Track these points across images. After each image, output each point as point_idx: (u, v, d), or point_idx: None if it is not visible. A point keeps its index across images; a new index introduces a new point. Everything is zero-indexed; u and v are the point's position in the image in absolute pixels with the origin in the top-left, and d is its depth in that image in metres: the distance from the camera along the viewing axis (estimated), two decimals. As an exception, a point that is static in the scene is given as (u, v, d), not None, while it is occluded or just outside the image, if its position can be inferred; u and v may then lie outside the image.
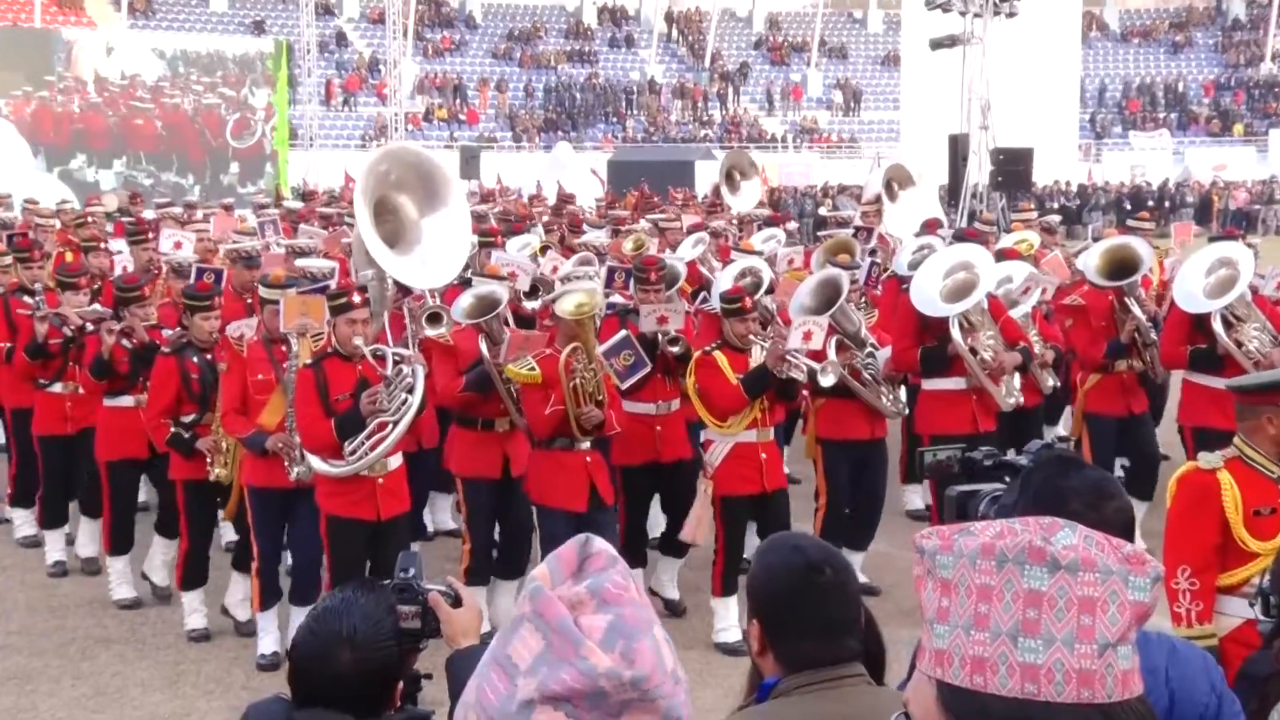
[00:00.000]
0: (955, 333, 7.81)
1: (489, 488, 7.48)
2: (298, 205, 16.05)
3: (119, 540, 8.13)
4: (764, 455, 7.33)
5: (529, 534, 7.51)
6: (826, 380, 7.31)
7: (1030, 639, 1.32)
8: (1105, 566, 1.34)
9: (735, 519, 7.40)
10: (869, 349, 7.98)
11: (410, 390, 6.53)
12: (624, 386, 7.39)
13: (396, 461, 6.73)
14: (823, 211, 22.25)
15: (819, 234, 15.05)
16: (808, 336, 7.29)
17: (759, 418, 7.33)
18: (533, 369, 6.86)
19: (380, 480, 6.66)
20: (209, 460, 7.37)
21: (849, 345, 7.88)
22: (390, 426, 6.51)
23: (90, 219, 12.21)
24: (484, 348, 7.35)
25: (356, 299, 6.62)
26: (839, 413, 8.00)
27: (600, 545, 1.70)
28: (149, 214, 14.56)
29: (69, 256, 10.47)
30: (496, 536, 7.70)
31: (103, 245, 10.25)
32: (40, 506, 8.91)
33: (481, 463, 7.46)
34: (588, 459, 7.00)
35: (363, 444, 6.53)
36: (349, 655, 2.66)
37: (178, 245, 10.70)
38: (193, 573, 7.62)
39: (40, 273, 9.16)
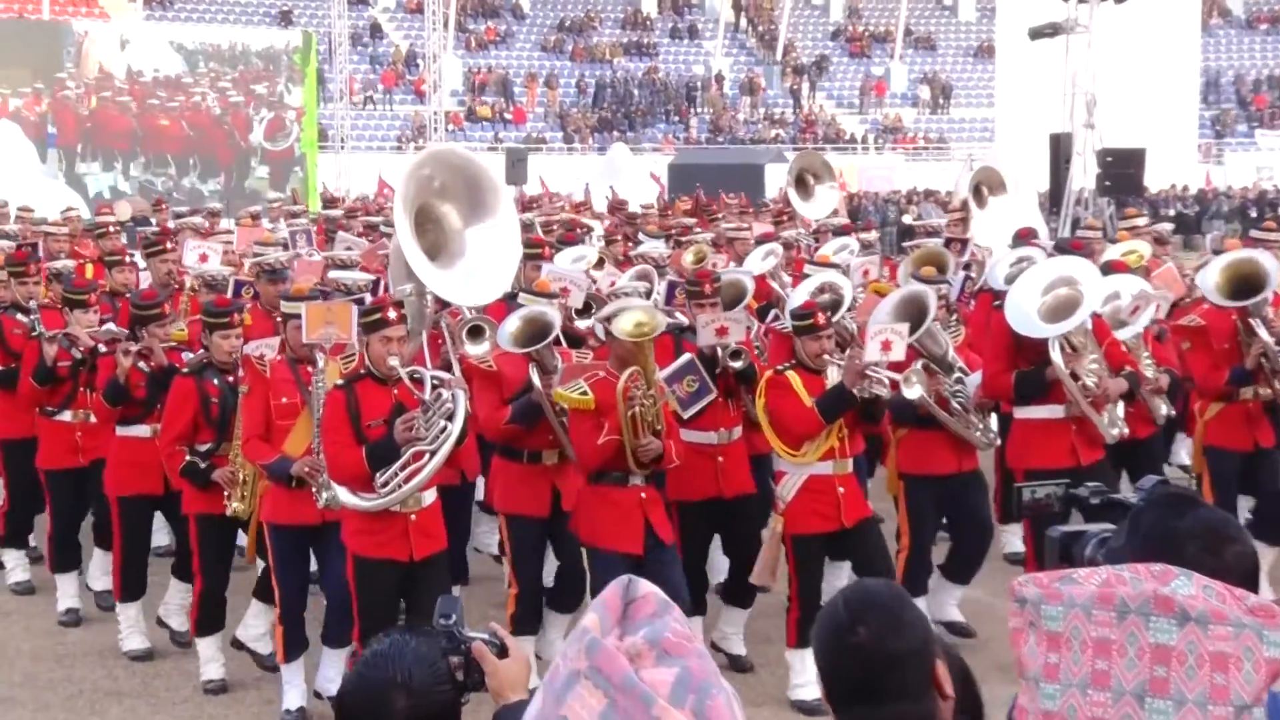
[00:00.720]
0: (1056, 356, 7.72)
1: (537, 526, 7.50)
2: (336, 213, 16.17)
3: (131, 584, 8.18)
4: (842, 489, 7.30)
5: (584, 575, 7.52)
6: (912, 392, 7.27)
7: (1159, 699, 1.30)
8: (1236, 619, 1.32)
9: (809, 560, 7.37)
10: (957, 374, 7.94)
11: (450, 417, 6.53)
12: (686, 416, 7.38)
13: (431, 496, 6.74)
14: (908, 220, 22.19)
15: (904, 244, 15.00)
16: (886, 346, 7.22)
17: (837, 446, 7.31)
18: (585, 393, 6.86)
19: (413, 517, 6.65)
20: (226, 493, 7.41)
21: (935, 369, 7.84)
22: (427, 457, 6.51)
23: (112, 230, 12.33)
24: (535, 376, 7.36)
25: (392, 315, 6.63)
26: (923, 445, 7.96)
27: (647, 588, 1.69)
28: (168, 223, 14.77)
29: (90, 271, 10.57)
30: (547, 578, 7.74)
31: (128, 259, 10.27)
32: (49, 548, 8.95)
33: (528, 499, 7.47)
34: (642, 495, 6.99)
35: (396, 475, 6.53)
36: (404, 702, 2.67)
37: (203, 258, 10.80)
38: (209, 617, 7.68)
39: (36, 289, 9.23)
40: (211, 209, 16.85)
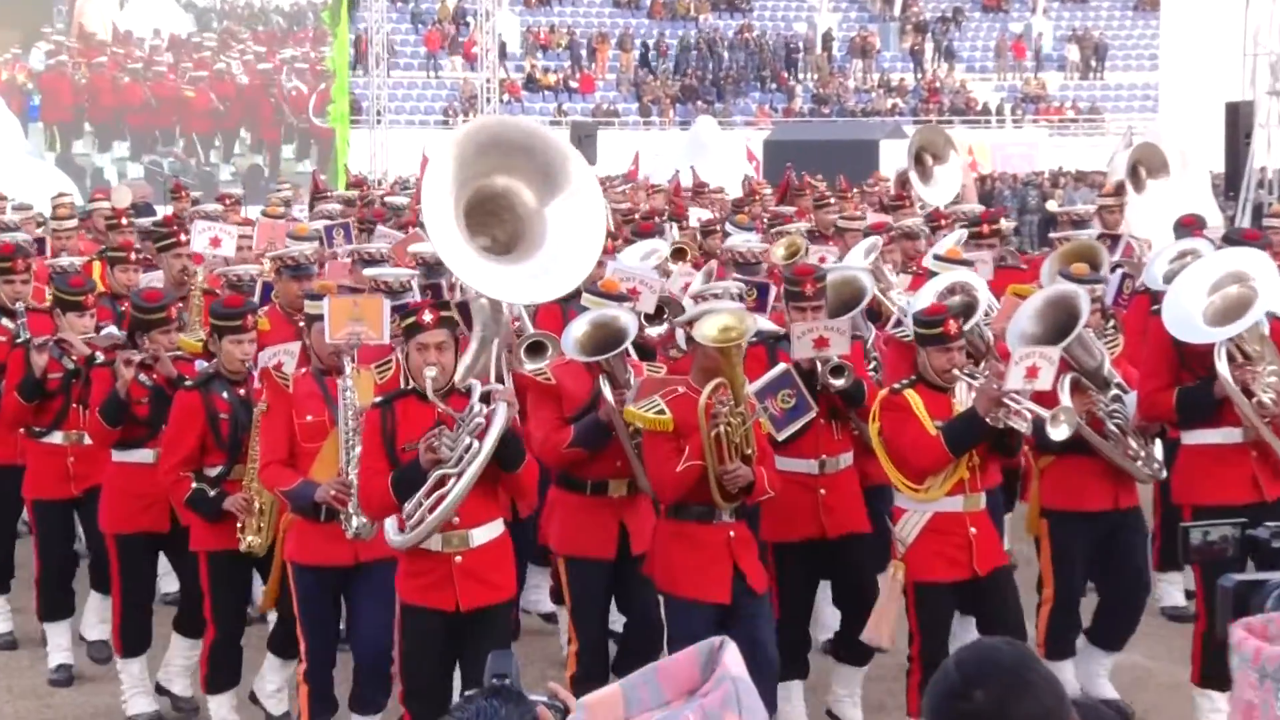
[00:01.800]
0: (1221, 366, 7.61)
1: (602, 571, 7.52)
2: (399, 201, 16.29)
3: (132, 638, 8.23)
4: (973, 529, 7.27)
5: (659, 628, 7.51)
6: (1059, 433, 7.13)
7: None
8: None
9: (935, 613, 7.35)
10: (1115, 391, 7.86)
11: (481, 434, 6.52)
12: (781, 437, 7.35)
13: (485, 535, 6.72)
14: (1052, 206, 22.02)
15: (1050, 236, 14.89)
16: (1032, 373, 7.12)
17: (967, 479, 7.28)
18: (662, 412, 6.88)
19: (458, 559, 6.66)
20: (240, 525, 7.45)
21: (1087, 386, 7.76)
22: (452, 481, 6.51)
23: (126, 223, 12.50)
24: (606, 390, 7.36)
25: (428, 317, 6.65)
26: (1072, 475, 7.87)
27: (728, 666, 1.67)
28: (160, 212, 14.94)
29: (96, 268, 10.67)
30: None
31: (131, 256, 10.28)
32: (37, 592, 9.00)
33: (591, 538, 7.50)
34: (731, 533, 6.99)
35: (420, 505, 6.56)
36: None
37: (215, 242, 10.85)
38: (220, 672, 7.72)
39: (25, 289, 9.26)
40: (230, 195, 16.92)
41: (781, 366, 7.42)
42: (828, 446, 7.80)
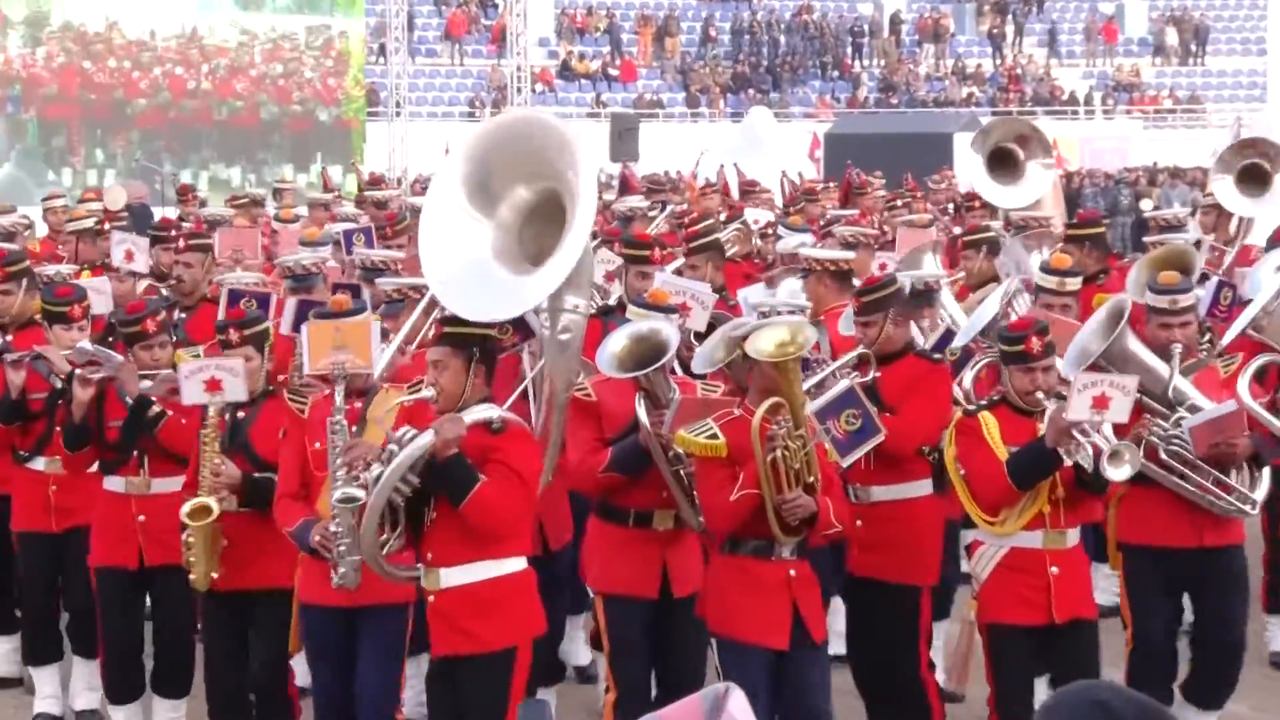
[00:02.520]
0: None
1: (642, 610, 7.56)
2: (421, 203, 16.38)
3: (118, 682, 8.37)
4: (1054, 570, 7.28)
5: (699, 678, 7.55)
6: (1117, 473, 7.08)
7: None
8: None
9: (1008, 659, 7.38)
10: (1178, 415, 7.81)
11: (389, 459, 6.62)
12: (847, 463, 7.34)
13: (461, 577, 6.75)
14: (1145, 206, 21.95)
15: (1143, 240, 14.86)
16: (1101, 403, 7.10)
17: (1048, 514, 7.29)
18: (714, 436, 6.90)
19: (431, 598, 6.85)
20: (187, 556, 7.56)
21: (1148, 406, 7.75)
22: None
23: (109, 226, 12.57)
24: (642, 411, 7.38)
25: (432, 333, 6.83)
26: (1144, 506, 7.92)
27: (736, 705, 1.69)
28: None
29: (86, 275, 10.78)
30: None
31: (110, 262, 10.47)
32: (22, 632, 9.15)
33: (632, 574, 7.54)
34: (791, 572, 7.01)
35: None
36: None
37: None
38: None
39: (5, 300, 9.25)
40: (252, 196, 16.99)
41: (844, 384, 7.39)
42: (860, 475, 7.89)
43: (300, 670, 7.92)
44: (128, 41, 35.52)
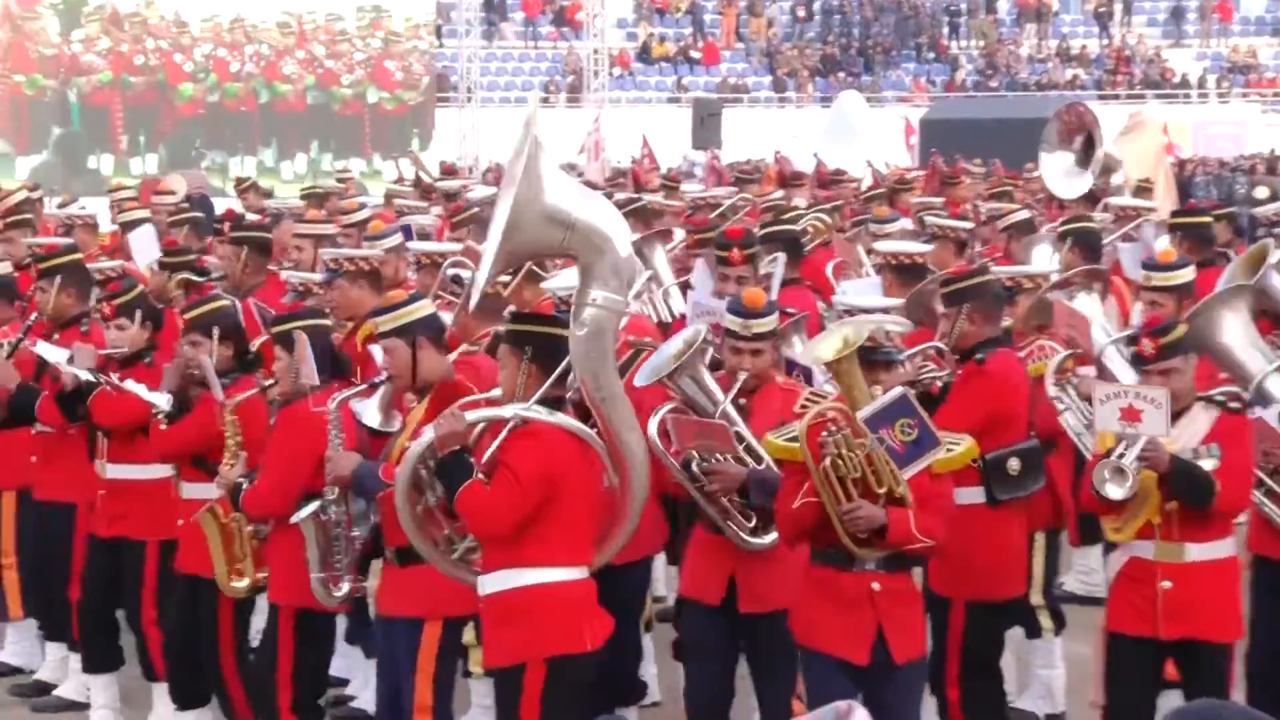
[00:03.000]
0: None
1: (707, 617, 7.63)
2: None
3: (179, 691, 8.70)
4: (1166, 584, 7.27)
5: (779, 697, 7.64)
6: (1112, 491, 7.08)
7: None
8: None
9: (1117, 668, 7.38)
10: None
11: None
12: (906, 475, 7.19)
13: (493, 585, 6.85)
14: (1261, 194, 21.68)
15: (1257, 234, 14.80)
16: (1131, 416, 7.10)
17: (1158, 525, 7.28)
18: (793, 439, 6.89)
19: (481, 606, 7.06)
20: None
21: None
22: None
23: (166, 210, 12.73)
24: (653, 427, 7.44)
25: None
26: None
27: None
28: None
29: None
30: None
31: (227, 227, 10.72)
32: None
33: (698, 578, 7.65)
34: (874, 585, 6.96)
35: None
36: None
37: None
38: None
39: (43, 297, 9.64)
40: (335, 187, 17.14)
41: (898, 390, 7.18)
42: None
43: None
44: (165, 22, 35.90)
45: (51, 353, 9.01)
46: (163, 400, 8.33)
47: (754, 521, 7.41)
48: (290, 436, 7.67)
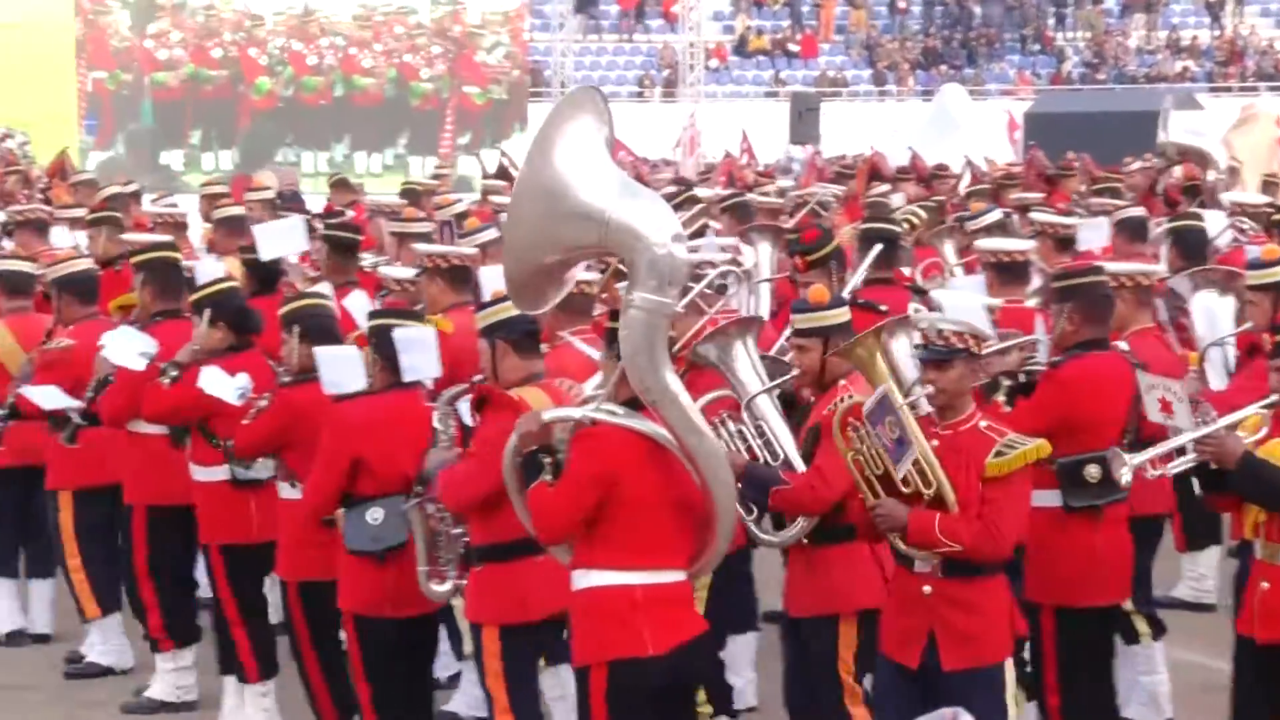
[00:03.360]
0: None
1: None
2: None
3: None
4: (1264, 584, 7.20)
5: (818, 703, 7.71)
6: (1120, 475, 7.20)
7: None
8: None
9: (1239, 669, 7.37)
10: None
11: None
12: (900, 474, 7.16)
13: (576, 582, 6.94)
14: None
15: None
16: (1166, 408, 7.19)
17: (1262, 523, 7.21)
18: None
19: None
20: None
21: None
22: None
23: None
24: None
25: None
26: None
27: None
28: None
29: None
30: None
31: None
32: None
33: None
34: (926, 588, 6.95)
35: None
36: None
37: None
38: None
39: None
40: (424, 184, 17.27)
41: (882, 388, 7.17)
42: None
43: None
44: (237, 15, 36.24)
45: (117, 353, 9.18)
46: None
47: (754, 514, 7.56)
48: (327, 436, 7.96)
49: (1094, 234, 11.96)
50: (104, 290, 10.36)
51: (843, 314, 7.61)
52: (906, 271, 11.51)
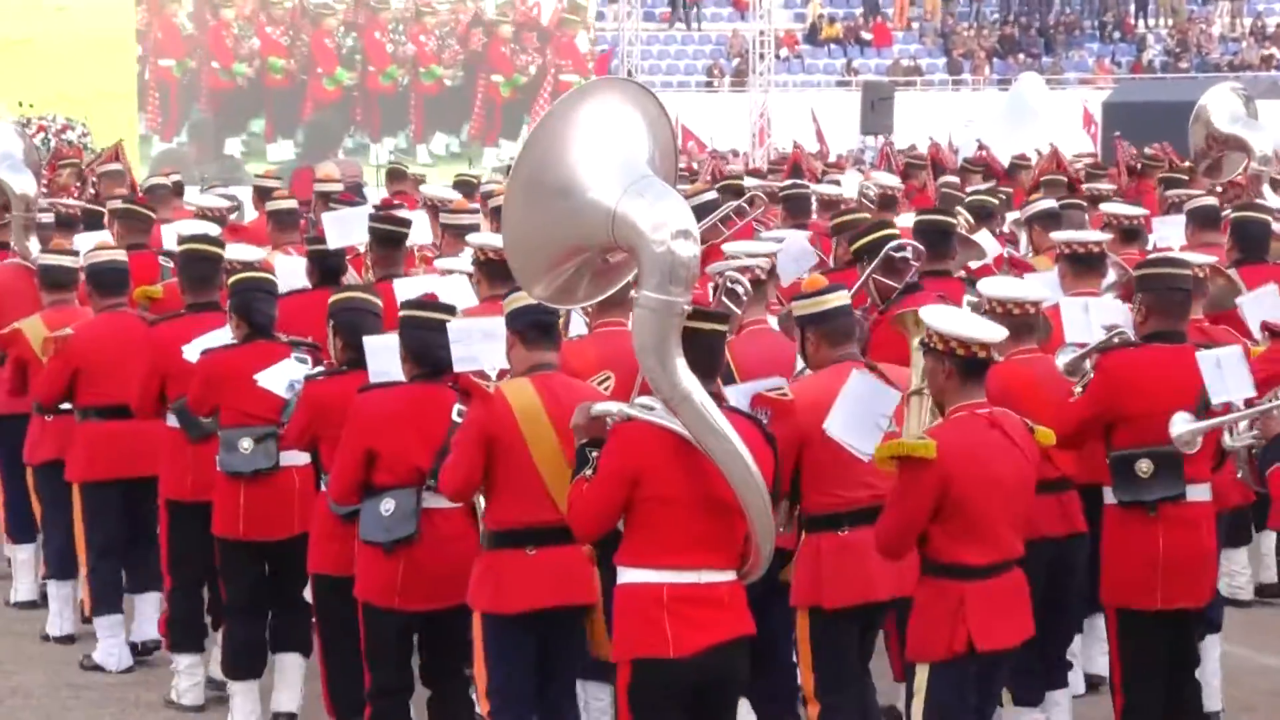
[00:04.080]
0: None
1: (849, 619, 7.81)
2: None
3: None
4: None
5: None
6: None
7: None
8: None
9: None
10: None
11: None
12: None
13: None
14: None
15: None
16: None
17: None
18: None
19: None
20: None
21: None
22: None
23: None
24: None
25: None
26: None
27: None
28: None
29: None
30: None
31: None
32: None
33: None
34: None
35: None
36: None
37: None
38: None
39: None
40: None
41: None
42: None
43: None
44: (301, 2, 36.54)
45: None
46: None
47: None
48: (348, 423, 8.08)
49: (1172, 230, 11.95)
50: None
51: (815, 303, 7.78)
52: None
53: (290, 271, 10.55)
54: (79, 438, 10.18)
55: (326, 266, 10.40)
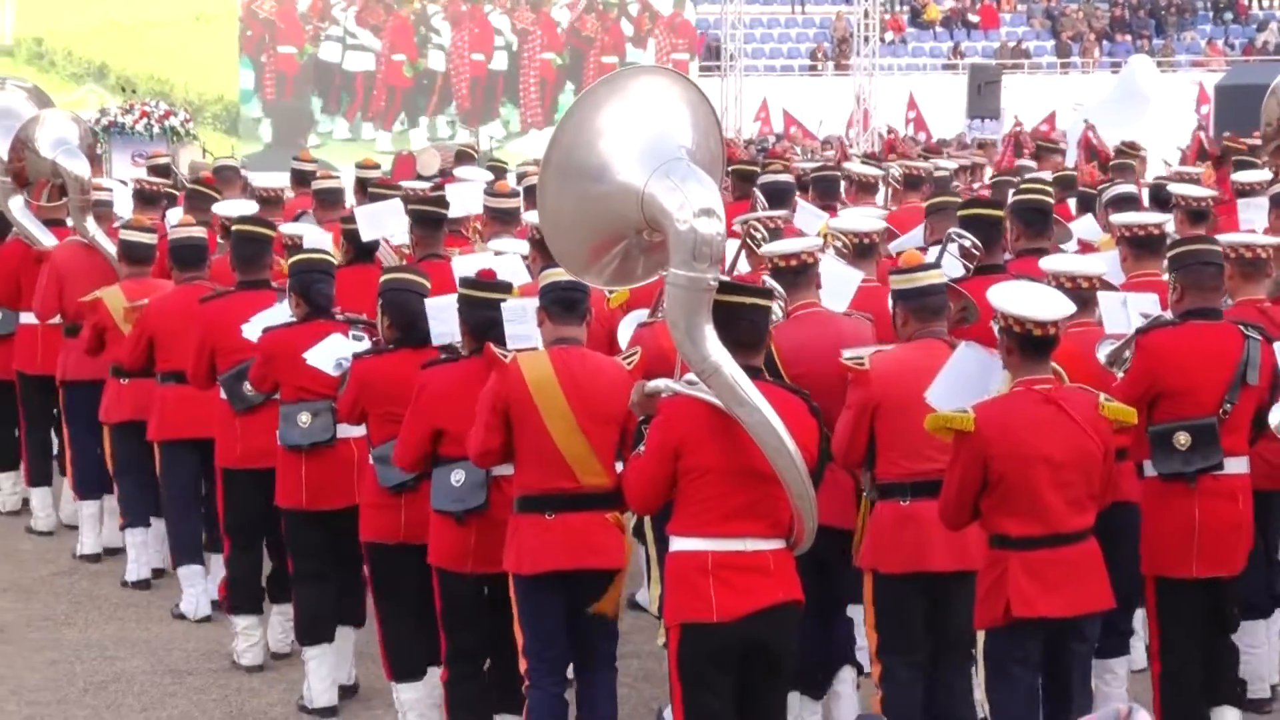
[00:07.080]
0: None
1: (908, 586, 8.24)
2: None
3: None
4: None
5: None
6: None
7: None
8: None
9: None
10: None
11: None
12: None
13: None
14: None
15: None
16: None
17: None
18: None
19: None
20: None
21: None
22: None
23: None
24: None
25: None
26: None
27: None
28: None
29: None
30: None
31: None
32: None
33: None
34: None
35: None
36: None
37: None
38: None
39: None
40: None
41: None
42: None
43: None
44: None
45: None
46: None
47: None
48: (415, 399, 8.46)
49: (1256, 214, 12.03)
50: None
51: (909, 279, 8.13)
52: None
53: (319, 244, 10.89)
54: (157, 400, 10.92)
55: (362, 244, 11.07)
